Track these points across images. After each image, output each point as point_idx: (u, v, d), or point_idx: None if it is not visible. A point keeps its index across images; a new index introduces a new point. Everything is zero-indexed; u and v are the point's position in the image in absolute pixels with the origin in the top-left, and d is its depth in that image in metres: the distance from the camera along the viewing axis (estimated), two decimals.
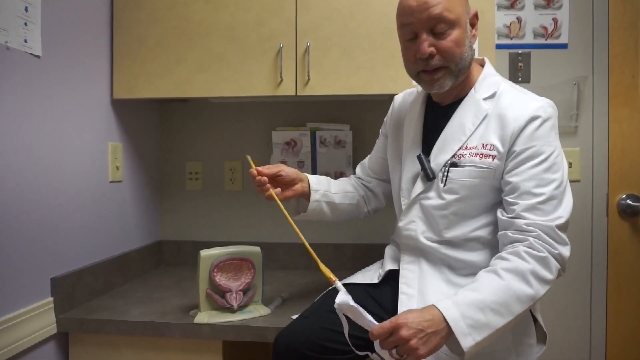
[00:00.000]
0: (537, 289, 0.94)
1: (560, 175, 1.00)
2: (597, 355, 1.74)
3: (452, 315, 0.87)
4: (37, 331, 1.20)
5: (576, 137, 1.74)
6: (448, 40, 1.01)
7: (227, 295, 1.24)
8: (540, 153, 0.99)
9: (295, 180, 1.23)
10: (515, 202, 1.00)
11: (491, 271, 0.95)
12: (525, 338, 1.04)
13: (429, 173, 1.08)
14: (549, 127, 1.01)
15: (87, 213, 1.44)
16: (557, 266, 0.97)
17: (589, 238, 1.74)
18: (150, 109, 1.82)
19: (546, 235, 0.97)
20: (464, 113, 1.07)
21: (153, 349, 1.27)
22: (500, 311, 0.90)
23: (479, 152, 1.03)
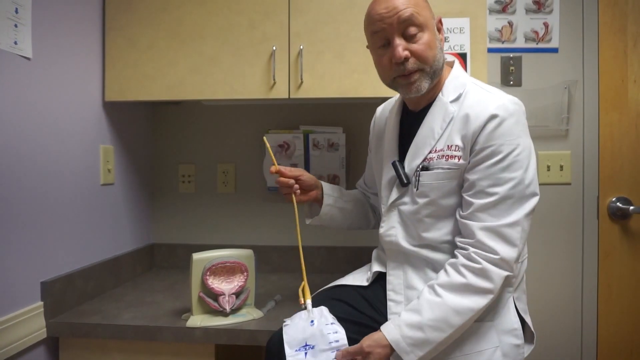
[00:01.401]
0: (475, 301, 0.97)
1: (519, 174, 0.99)
2: (588, 356, 1.75)
3: (394, 337, 0.98)
4: (26, 336, 1.18)
5: (567, 140, 1.76)
6: (420, 43, 1.03)
7: (220, 299, 1.24)
8: (498, 152, 0.99)
9: (312, 187, 1.26)
10: (470, 201, 1.01)
11: (431, 287, 1.01)
12: (512, 338, 1.05)
13: (403, 179, 1.09)
14: (510, 125, 0.99)
15: (78, 216, 1.42)
16: (498, 273, 0.98)
17: (580, 240, 1.76)
18: (142, 112, 1.82)
19: (488, 239, 0.98)
20: (433, 117, 1.08)
21: (145, 353, 1.26)
22: (439, 327, 0.97)
23: (445, 154, 1.05)
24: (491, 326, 1.04)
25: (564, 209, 1.76)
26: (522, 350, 1.06)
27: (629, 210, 1.71)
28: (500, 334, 1.04)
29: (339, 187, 1.35)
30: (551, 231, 1.76)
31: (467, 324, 0.99)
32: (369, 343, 0.99)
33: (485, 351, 1.02)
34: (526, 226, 1.01)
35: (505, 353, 1.03)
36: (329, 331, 1.01)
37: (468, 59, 1.43)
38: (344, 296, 1.19)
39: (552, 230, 1.76)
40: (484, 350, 1.02)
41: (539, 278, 1.77)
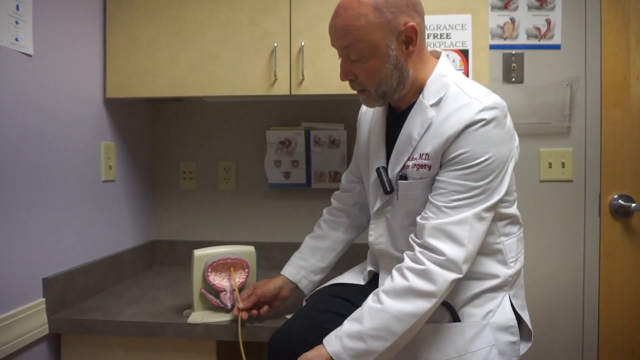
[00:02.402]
0: (418, 305, 0.94)
1: (483, 183, 0.96)
2: (590, 354, 1.75)
3: (334, 349, 0.95)
4: (28, 332, 1.19)
5: (569, 138, 1.75)
6: (361, 69, 1.01)
7: (221, 295, 1.24)
8: (468, 160, 0.96)
9: (276, 292, 1.23)
10: (431, 201, 0.99)
11: (375, 294, 0.98)
12: (508, 336, 1.04)
13: (387, 187, 1.07)
14: (486, 132, 0.95)
15: (79, 213, 1.42)
16: (443, 275, 0.94)
17: (581, 238, 1.76)
18: (143, 108, 1.81)
19: (434, 240, 0.95)
20: (412, 122, 1.04)
21: (146, 350, 1.26)
22: (380, 336, 0.94)
23: (417, 163, 1.02)
24: (486, 325, 1.03)
25: (565, 206, 1.76)
26: (517, 347, 1.06)
27: (631, 207, 1.70)
28: (495, 332, 1.03)
29: (303, 253, 1.29)
30: (552, 228, 1.76)
31: (413, 329, 0.95)
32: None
33: (480, 351, 1.01)
34: (478, 226, 0.96)
35: (501, 351, 1.03)
36: None
37: (470, 56, 1.43)
38: (343, 293, 1.19)
39: (553, 227, 1.76)
40: (479, 350, 1.01)
41: (540, 275, 1.77)
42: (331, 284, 1.25)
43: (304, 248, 1.30)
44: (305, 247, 1.30)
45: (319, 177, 1.78)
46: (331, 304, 1.16)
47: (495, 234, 1.06)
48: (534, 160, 1.77)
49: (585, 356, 1.75)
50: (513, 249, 1.08)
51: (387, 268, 1.12)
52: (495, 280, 1.05)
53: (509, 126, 1.01)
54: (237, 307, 1.18)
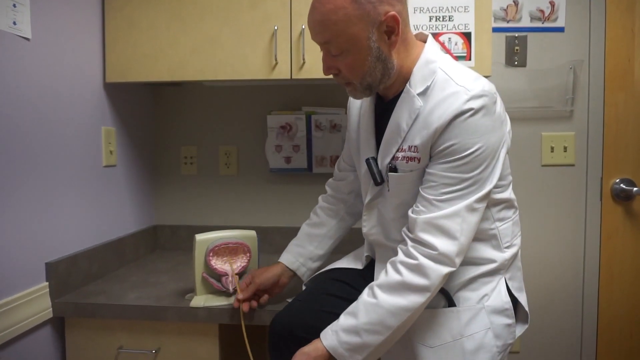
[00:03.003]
0: (411, 299, 0.94)
1: (474, 174, 0.95)
2: (588, 336, 1.77)
3: (330, 343, 0.96)
4: (33, 315, 1.20)
5: (571, 121, 1.74)
6: (343, 63, 0.99)
7: (223, 279, 1.25)
8: (457, 151, 0.94)
9: (275, 280, 1.23)
10: (422, 194, 0.98)
11: (370, 288, 0.99)
12: (503, 318, 1.05)
13: (377, 178, 1.06)
14: (475, 121, 0.93)
15: (81, 198, 1.43)
16: (436, 269, 0.94)
17: (582, 222, 1.76)
18: (143, 93, 1.81)
19: (426, 234, 0.95)
20: (399, 112, 1.02)
21: (149, 333, 1.28)
22: (375, 330, 0.95)
23: (406, 156, 1.01)
24: (481, 309, 1.04)
25: (567, 190, 1.76)
26: (513, 329, 1.07)
27: (633, 191, 1.70)
28: (490, 315, 1.04)
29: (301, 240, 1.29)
30: (554, 212, 1.76)
31: (407, 323, 0.96)
32: (299, 357, 0.97)
33: (476, 334, 1.02)
34: (470, 218, 0.95)
35: (496, 334, 1.03)
36: None
37: (472, 39, 1.42)
38: (342, 276, 1.20)
39: (554, 211, 1.76)
40: (475, 334, 1.02)
41: (541, 259, 1.77)
42: (330, 269, 1.26)
43: (301, 235, 1.30)
44: (303, 235, 1.30)
45: (320, 162, 1.78)
46: (331, 287, 1.17)
47: (490, 220, 1.05)
48: (536, 144, 1.76)
49: (584, 338, 1.77)
50: (508, 233, 1.08)
51: (382, 257, 1.13)
52: (491, 264, 1.06)
53: (498, 112, 0.98)
54: (237, 299, 1.19)
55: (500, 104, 1.00)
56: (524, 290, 1.13)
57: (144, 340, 1.28)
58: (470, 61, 1.42)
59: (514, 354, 1.80)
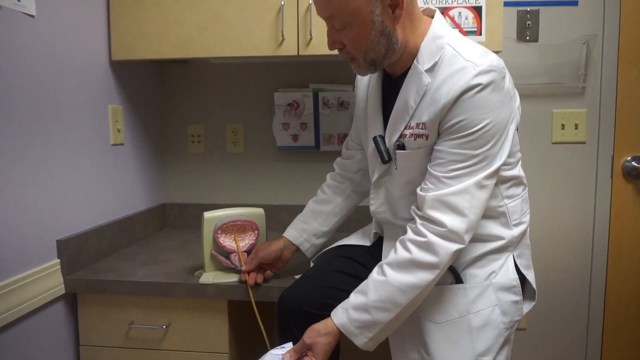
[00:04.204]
0: (420, 277, 0.94)
1: (482, 150, 0.94)
2: (596, 315, 1.77)
3: (341, 321, 0.98)
4: (46, 291, 1.22)
5: (583, 98, 1.71)
6: (347, 37, 0.98)
7: (232, 256, 1.26)
8: (466, 127, 0.93)
9: (277, 255, 1.24)
10: (430, 172, 0.97)
11: (379, 267, 0.99)
12: (510, 295, 1.05)
13: (384, 156, 1.06)
14: (483, 96, 0.92)
15: (90, 176, 1.44)
16: (445, 247, 0.94)
17: (592, 200, 1.74)
18: (149, 71, 1.80)
19: (435, 211, 0.94)
20: (408, 89, 1.01)
21: (160, 309, 1.30)
22: (385, 307, 0.96)
23: (414, 133, 1.00)
24: (488, 285, 1.04)
25: (577, 168, 1.74)
26: (520, 306, 1.07)
27: None
28: (498, 292, 1.04)
29: (306, 216, 1.29)
30: (563, 190, 1.75)
31: (417, 300, 0.96)
32: (309, 334, 0.98)
33: (483, 311, 1.02)
34: (479, 195, 0.94)
35: (504, 311, 1.04)
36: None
37: (483, 13, 1.38)
38: (350, 253, 1.20)
39: (564, 189, 1.75)
40: (482, 310, 1.02)
41: (550, 236, 1.77)
42: (338, 245, 1.26)
43: (307, 212, 1.30)
44: (308, 211, 1.30)
45: (328, 140, 1.77)
46: (338, 263, 1.18)
47: (499, 197, 1.05)
48: (547, 121, 1.74)
49: (591, 316, 1.78)
50: (517, 210, 1.07)
51: (391, 235, 1.13)
52: (499, 241, 1.05)
53: (507, 88, 0.96)
54: (242, 271, 1.21)
55: (509, 79, 0.98)
56: (532, 268, 1.13)
57: (155, 316, 1.30)
58: (480, 36, 1.39)
59: (520, 331, 1.81)
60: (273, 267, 1.26)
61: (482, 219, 1.01)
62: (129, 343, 1.32)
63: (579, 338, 1.80)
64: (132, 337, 1.31)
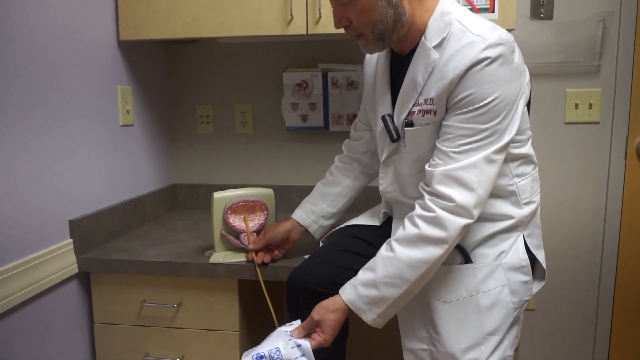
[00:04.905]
0: (429, 252, 0.94)
1: (491, 125, 0.92)
2: (605, 296, 1.77)
3: (349, 297, 0.98)
4: (60, 270, 1.24)
5: (598, 77, 1.68)
6: (353, 11, 0.96)
7: (241, 236, 1.27)
8: (474, 102, 0.92)
9: (285, 236, 1.24)
10: (439, 147, 0.97)
11: (387, 243, 0.99)
12: (520, 275, 1.05)
13: (393, 134, 1.05)
14: (492, 70, 0.91)
15: (100, 157, 1.45)
16: (454, 222, 0.93)
17: (604, 181, 1.72)
18: (158, 51, 1.79)
19: (443, 186, 0.94)
20: (416, 66, 1.00)
21: (171, 288, 1.32)
22: (393, 283, 0.96)
23: (422, 109, 0.99)
24: (498, 265, 1.03)
25: (590, 148, 1.72)
26: (530, 286, 1.07)
27: None
28: (507, 272, 1.04)
29: (314, 197, 1.28)
30: (575, 171, 1.73)
31: (426, 276, 0.96)
32: (318, 311, 0.99)
33: (492, 290, 1.02)
34: (488, 170, 0.94)
35: (513, 291, 1.04)
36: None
37: None
38: (359, 233, 1.21)
39: (576, 169, 1.73)
40: (491, 290, 1.02)
41: (561, 217, 1.76)
42: (347, 225, 1.26)
43: (315, 193, 1.31)
44: (316, 193, 1.30)
45: (337, 120, 1.76)
46: (347, 243, 1.18)
47: (508, 176, 1.04)
48: (560, 101, 1.71)
49: (600, 297, 1.77)
50: (527, 189, 1.06)
51: (400, 215, 1.13)
52: (509, 221, 1.05)
53: (517, 62, 0.95)
54: (249, 249, 1.23)
55: (518, 54, 0.97)
56: (542, 248, 1.13)
57: (166, 295, 1.32)
58: (493, 13, 1.36)
59: (529, 312, 1.82)
60: (281, 249, 1.26)
61: (491, 198, 1.01)
62: (141, 321, 1.34)
63: (589, 319, 1.80)
64: (145, 315, 1.34)
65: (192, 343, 1.33)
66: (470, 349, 1.01)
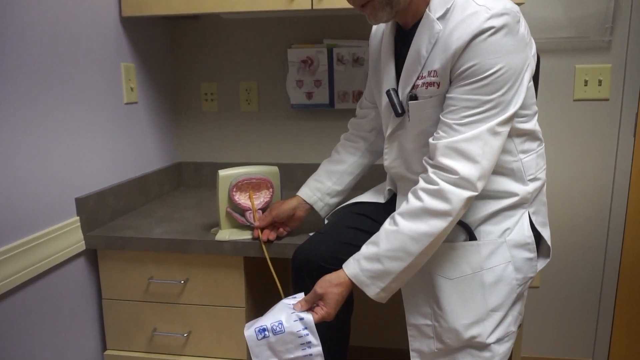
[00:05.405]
0: (432, 224, 0.94)
1: (495, 96, 0.91)
2: (610, 275, 1.77)
3: (352, 271, 0.99)
4: (67, 247, 1.26)
5: (609, 53, 1.64)
6: None
7: (247, 214, 1.27)
8: (478, 72, 0.90)
9: (290, 213, 1.24)
10: (442, 120, 0.95)
11: (391, 217, 0.99)
12: (524, 252, 1.05)
13: (398, 109, 1.04)
14: (496, 40, 0.89)
15: (105, 135, 1.44)
16: (457, 194, 0.92)
17: (612, 158, 1.70)
18: (161, 28, 1.76)
19: (446, 159, 0.93)
20: (420, 38, 0.99)
21: (178, 265, 1.33)
22: (397, 256, 0.95)
23: (426, 82, 0.98)
24: (502, 243, 1.03)
25: (598, 125, 1.69)
26: (534, 263, 1.07)
27: None
28: (512, 249, 1.04)
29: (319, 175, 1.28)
30: (583, 148, 1.71)
31: (430, 249, 0.96)
32: (321, 285, 0.99)
33: (496, 267, 1.02)
34: (492, 142, 0.92)
35: (517, 267, 1.04)
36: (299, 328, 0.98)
37: None
38: (364, 210, 1.21)
39: (584, 147, 1.71)
40: (495, 267, 1.02)
41: (567, 194, 1.75)
42: (352, 203, 1.26)
43: (321, 171, 1.30)
44: (322, 170, 1.30)
45: (342, 97, 1.74)
46: (352, 220, 1.19)
47: (513, 152, 1.03)
48: (569, 77, 1.68)
49: (605, 276, 1.78)
50: (532, 165, 1.05)
51: (404, 191, 1.12)
52: (513, 198, 1.04)
53: (522, 33, 0.93)
54: (254, 226, 1.23)
55: (524, 25, 0.95)
56: (547, 225, 1.12)
57: (173, 272, 1.34)
58: None
59: (533, 289, 1.83)
60: (287, 226, 1.27)
61: (495, 175, 1.00)
62: (149, 297, 1.36)
63: (593, 297, 1.81)
64: (152, 292, 1.35)
65: (199, 318, 1.35)
66: (473, 324, 1.02)
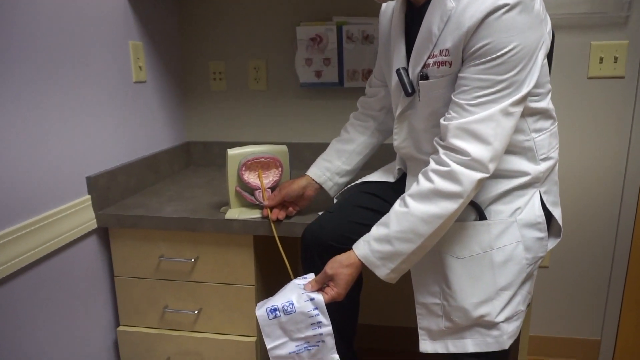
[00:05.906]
0: (443, 206, 0.93)
1: (509, 76, 0.89)
2: (620, 256, 1.76)
3: (362, 252, 0.99)
4: (79, 225, 1.27)
5: (625, 29, 1.60)
6: None
7: (256, 193, 1.27)
8: (491, 51, 0.88)
9: (300, 192, 1.25)
10: (454, 100, 0.94)
11: (401, 199, 0.99)
12: (535, 232, 1.04)
13: (408, 88, 1.02)
14: (510, 18, 0.87)
15: (114, 114, 1.45)
16: (468, 176, 0.91)
17: (627, 138, 1.68)
18: (169, 6, 1.75)
19: (458, 140, 0.91)
20: (431, 16, 0.96)
21: (188, 243, 1.34)
22: (407, 238, 0.96)
23: (437, 60, 0.96)
24: (513, 222, 1.03)
25: (613, 104, 1.66)
26: (545, 243, 1.06)
27: None
28: (522, 228, 1.03)
29: (329, 155, 1.28)
30: (597, 127, 1.68)
31: (440, 230, 0.95)
32: (331, 265, 1.00)
33: (506, 247, 1.02)
34: (504, 122, 0.91)
35: (527, 247, 1.03)
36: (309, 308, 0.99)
37: None
38: (374, 189, 1.21)
39: (598, 126, 1.68)
40: (505, 246, 1.02)
41: (580, 173, 1.73)
42: (361, 182, 1.26)
43: (330, 150, 1.30)
44: (331, 150, 1.30)
45: (352, 76, 1.72)
46: (362, 199, 1.19)
47: (526, 131, 1.01)
48: (584, 54, 1.64)
49: (616, 257, 1.76)
50: (545, 145, 1.04)
51: (414, 171, 1.12)
52: (524, 177, 1.03)
53: (537, 9, 0.90)
54: (264, 205, 1.24)
55: (540, 1, 0.92)
56: (559, 205, 1.11)
57: (183, 250, 1.35)
58: None
59: (543, 269, 1.82)
60: (296, 205, 1.27)
61: (507, 154, 0.99)
62: (160, 275, 1.38)
63: (603, 278, 1.80)
64: (163, 270, 1.37)
65: (209, 296, 1.37)
66: (482, 303, 1.02)
